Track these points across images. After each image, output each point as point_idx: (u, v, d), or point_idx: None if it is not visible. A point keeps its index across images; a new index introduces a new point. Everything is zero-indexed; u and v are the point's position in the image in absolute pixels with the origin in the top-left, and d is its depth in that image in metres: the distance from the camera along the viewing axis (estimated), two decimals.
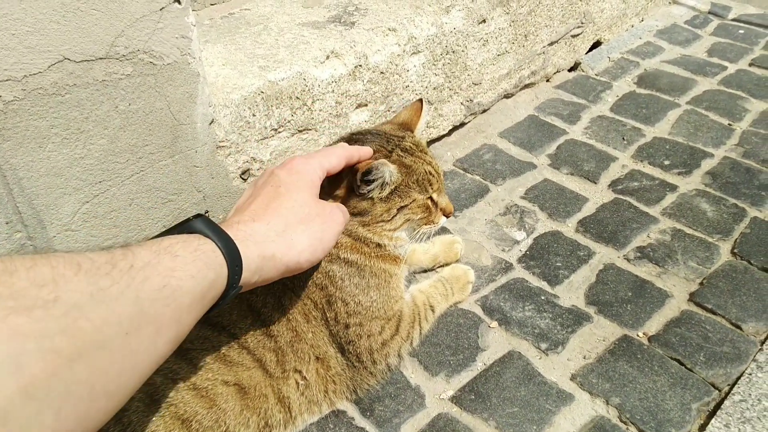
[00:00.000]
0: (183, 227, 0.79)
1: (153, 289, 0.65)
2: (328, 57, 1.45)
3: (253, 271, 0.82)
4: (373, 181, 1.12)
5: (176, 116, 1.16)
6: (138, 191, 1.17)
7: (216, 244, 0.76)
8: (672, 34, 2.61)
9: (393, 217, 1.18)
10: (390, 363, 1.21)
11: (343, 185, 1.16)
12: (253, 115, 1.31)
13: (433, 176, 1.22)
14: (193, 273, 0.70)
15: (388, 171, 1.12)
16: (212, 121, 1.24)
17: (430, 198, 1.23)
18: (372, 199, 1.16)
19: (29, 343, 0.51)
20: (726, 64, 2.38)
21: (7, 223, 1.01)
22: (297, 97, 1.38)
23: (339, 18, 1.61)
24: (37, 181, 1.02)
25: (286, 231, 0.90)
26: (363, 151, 1.14)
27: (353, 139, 1.24)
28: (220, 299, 0.78)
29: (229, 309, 1.06)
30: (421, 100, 1.34)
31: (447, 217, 1.29)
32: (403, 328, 1.23)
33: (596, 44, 2.50)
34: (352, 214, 1.16)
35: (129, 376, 0.63)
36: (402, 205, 1.19)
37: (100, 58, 1.01)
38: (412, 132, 1.30)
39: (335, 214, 1.02)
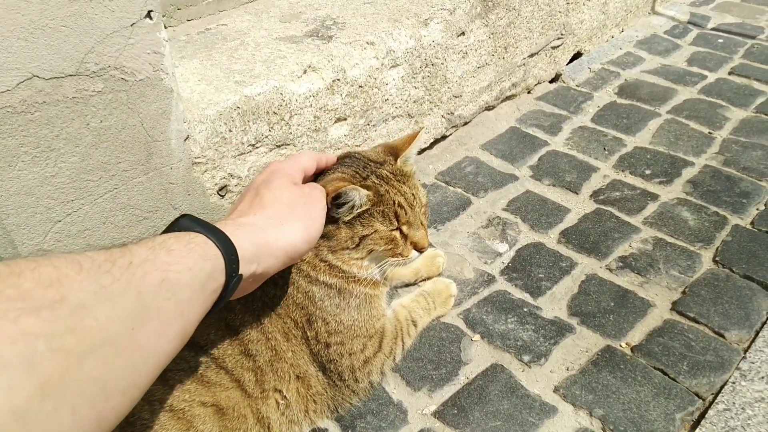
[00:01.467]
0: (172, 227, 0.80)
1: (152, 283, 0.65)
2: (305, 71, 1.45)
3: (249, 260, 0.82)
4: (344, 204, 1.08)
5: (150, 133, 1.15)
6: (112, 209, 1.15)
7: (207, 236, 0.77)
8: (652, 44, 2.64)
9: (357, 246, 1.13)
10: (372, 380, 1.19)
11: None
12: (230, 131, 1.30)
13: (404, 208, 1.15)
14: (189, 265, 0.71)
15: (358, 195, 1.08)
16: (187, 137, 1.22)
17: (399, 230, 1.16)
18: (338, 223, 1.12)
19: (40, 343, 0.51)
20: (706, 73, 2.40)
21: None
22: (274, 112, 1.38)
23: (317, 32, 1.61)
24: (7, 201, 1.00)
25: (275, 218, 0.90)
26: (329, 158, 1.15)
27: (341, 160, 1.20)
28: (224, 291, 0.78)
29: (206, 328, 1.04)
30: (420, 130, 1.28)
31: (419, 251, 1.20)
32: (386, 345, 1.21)
33: (577, 55, 2.51)
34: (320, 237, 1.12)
35: (139, 372, 0.63)
36: (364, 234, 1.13)
37: (70, 75, 1.00)
38: (397, 158, 1.21)
39: (314, 192, 1.01)
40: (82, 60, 1.01)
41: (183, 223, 0.79)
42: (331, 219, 1.10)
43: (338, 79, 1.50)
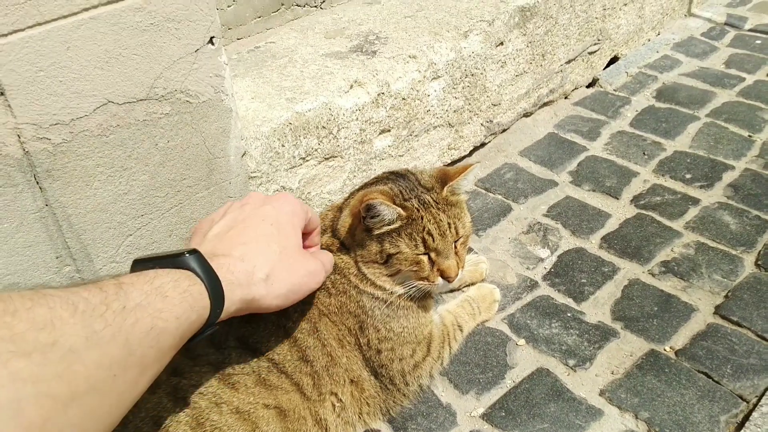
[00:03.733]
0: (177, 261, 0.79)
1: (141, 331, 0.66)
2: (351, 86, 1.51)
3: (230, 312, 0.83)
4: (375, 216, 1.12)
5: (211, 150, 1.22)
6: (177, 222, 1.23)
7: (206, 287, 0.77)
8: (689, 46, 2.63)
9: (385, 262, 1.16)
10: (422, 383, 1.25)
11: (357, 216, 1.16)
12: (282, 146, 1.37)
13: (432, 235, 1.14)
14: (178, 314, 0.72)
15: (389, 212, 1.11)
16: (244, 154, 1.29)
17: (427, 255, 1.16)
18: (371, 232, 1.15)
19: (27, 387, 0.52)
20: (744, 75, 2.39)
21: (57, 258, 1.07)
22: (323, 127, 1.44)
23: (360, 47, 1.67)
24: (85, 217, 1.08)
25: (269, 277, 0.89)
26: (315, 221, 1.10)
27: (387, 178, 1.24)
28: (193, 337, 0.79)
29: (267, 335, 1.10)
30: (473, 165, 1.25)
31: (446, 280, 1.19)
32: (434, 349, 1.27)
33: (613, 60, 2.53)
34: (353, 242, 1.18)
35: (114, 415, 0.65)
36: (390, 252, 1.15)
37: (141, 100, 1.08)
38: (445, 185, 1.20)
39: (318, 273, 1.00)
40: (151, 85, 1.08)
41: (188, 263, 0.78)
42: (366, 228, 1.15)
43: (383, 93, 1.55)
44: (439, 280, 1.19)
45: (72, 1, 0.95)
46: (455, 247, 1.19)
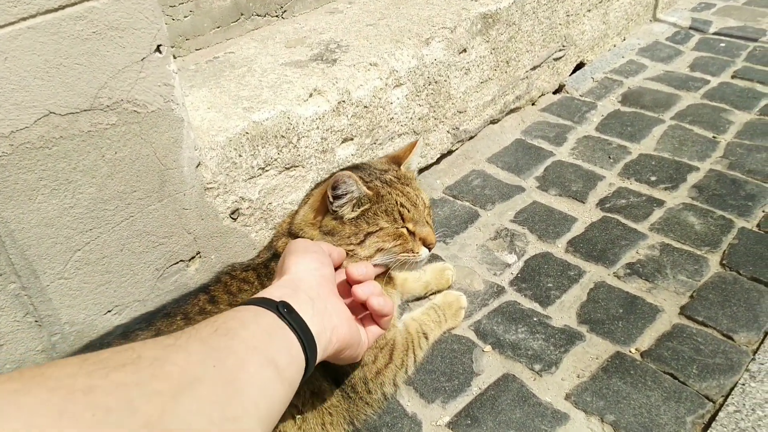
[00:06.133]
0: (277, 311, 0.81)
1: (208, 332, 0.71)
2: (311, 95, 1.49)
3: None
4: (343, 195, 1.15)
5: (162, 161, 1.19)
6: (129, 236, 1.19)
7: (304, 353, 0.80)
8: (654, 51, 2.66)
9: (361, 242, 1.18)
10: (386, 391, 1.22)
11: (321, 209, 1.21)
12: (240, 156, 1.34)
13: (406, 207, 1.21)
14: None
15: (356, 187, 1.15)
16: (199, 164, 1.27)
17: (405, 228, 1.21)
18: (342, 219, 1.18)
19: (132, 390, 0.56)
20: (709, 77, 2.41)
21: (0, 275, 1.04)
22: (282, 136, 1.42)
23: (321, 56, 1.65)
24: (29, 232, 1.05)
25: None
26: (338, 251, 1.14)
27: (341, 170, 1.27)
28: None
29: None
30: (417, 141, 1.35)
31: (428, 248, 1.24)
32: (397, 356, 1.24)
33: (579, 65, 2.54)
34: (325, 234, 1.19)
35: (241, 403, 0.65)
36: (369, 231, 1.18)
37: (85, 110, 1.05)
38: (399, 166, 1.32)
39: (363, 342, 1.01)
40: (96, 95, 1.05)
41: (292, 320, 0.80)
42: (335, 216, 1.18)
43: (343, 101, 1.54)
44: (423, 250, 1.23)
45: (7, 11, 0.92)
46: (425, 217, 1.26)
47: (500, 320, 1.43)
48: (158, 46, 1.11)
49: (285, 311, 0.81)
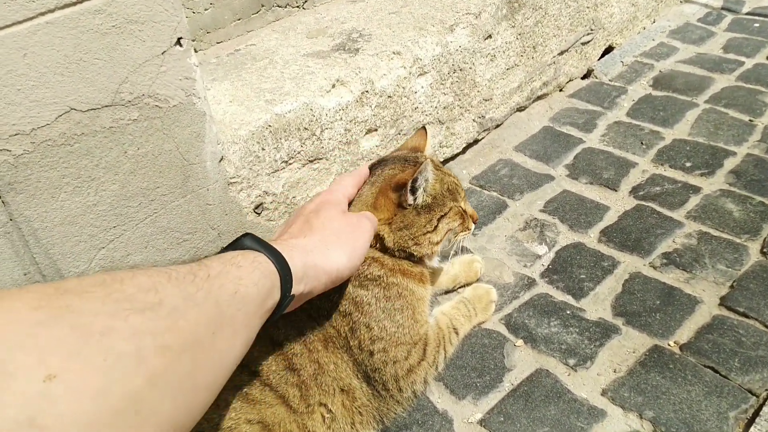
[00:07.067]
0: (235, 245, 0.86)
1: (228, 294, 0.72)
2: (333, 85, 1.46)
3: (299, 280, 0.88)
4: (420, 186, 1.17)
5: (185, 156, 1.18)
6: (153, 233, 1.18)
7: (267, 256, 0.83)
8: (685, 33, 2.57)
9: (435, 228, 1.21)
10: (416, 390, 1.19)
11: (386, 206, 1.20)
12: (263, 149, 1.32)
13: (457, 186, 1.28)
14: (255, 281, 0.78)
15: (431, 167, 1.18)
16: (222, 159, 1.25)
17: (460, 206, 1.27)
18: (417, 209, 1.19)
19: (147, 339, 0.58)
20: (743, 59, 2.33)
21: (25, 275, 1.03)
22: (305, 128, 1.39)
23: (343, 46, 1.62)
24: (52, 231, 1.04)
25: (322, 243, 0.97)
26: (363, 170, 1.25)
27: (371, 168, 1.27)
28: (277, 308, 0.85)
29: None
30: (424, 127, 1.39)
31: (475, 223, 1.32)
32: (429, 354, 1.21)
33: (608, 49, 2.47)
34: (400, 229, 1.19)
35: (217, 372, 0.71)
36: (441, 214, 1.22)
37: (106, 106, 1.03)
38: (421, 152, 1.34)
39: (363, 222, 1.09)
40: (116, 90, 1.04)
41: (245, 242, 0.86)
42: (414, 208, 1.20)
43: (367, 91, 1.50)
44: (472, 226, 1.32)
45: (26, 6, 0.90)
46: None
47: (532, 313, 1.39)
48: (179, 39, 1.09)
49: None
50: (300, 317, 1.09)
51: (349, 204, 1.21)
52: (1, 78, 0.91)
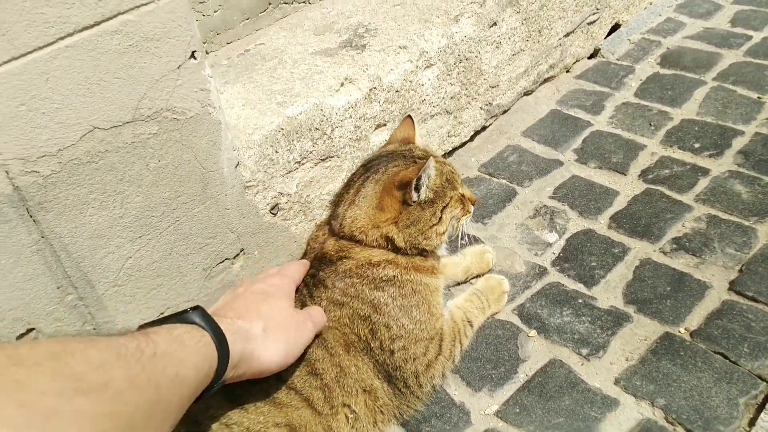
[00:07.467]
0: (183, 317, 0.87)
1: (169, 378, 0.73)
2: (342, 84, 1.48)
3: (234, 365, 0.90)
4: (423, 183, 1.22)
5: (203, 165, 1.21)
6: (176, 240, 1.22)
7: (212, 337, 0.85)
8: (692, 7, 2.55)
9: (440, 219, 1.27)
10: (435, 384, 1.24)
11: (391, 205, 1.24)
12: (276, 152, 1.35)
13: (455, 173, 1.34)
14: (196, 363, 0.80)
15: (433, 164, 1.23)
16: (238, 164, 1.28)
17: (461, 193, 1.33)
18: (422, 204, 1.24)
19: (87, 425, 0.60)
20: (751, 33, 2.31)
21: (58, 288, 1.07)
22: (316, 128, 1.42)
23: (350, 42, 1.63)
24: (82, 245, 1.08)
25: (264, 334, 0.99)
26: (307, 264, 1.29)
27: (368, 167, 1.32)
28: (206, 390, 0.85)
29: None
30: (410, 116, 1.43)
31: (473, 204, 1.38)
32: (446, 347, 1.26)
33: (615, 27, 2.46)
34: (407, 226, 1.23)
35: None
36: (444, 205, 1.28)
37: (127, 122, 1.06)
38: (412, 142, 1.41)
39: (307, 324, 1.10)
40: (136, 107, 1.06)
41: (194, 318, 0.87)
42: (418, 204, 1.24)
43: (375, 88, 1.52)
44: (471, 208, 1.38)
45: (46, 31, 0.93)
46: None
47: (544, 303, 1.43)
48: (193, 52, 1.11)
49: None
50: None
51: (351, 203, 1.27)
52: (26, 103, 0.94)
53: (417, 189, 1.21)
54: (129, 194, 1.11)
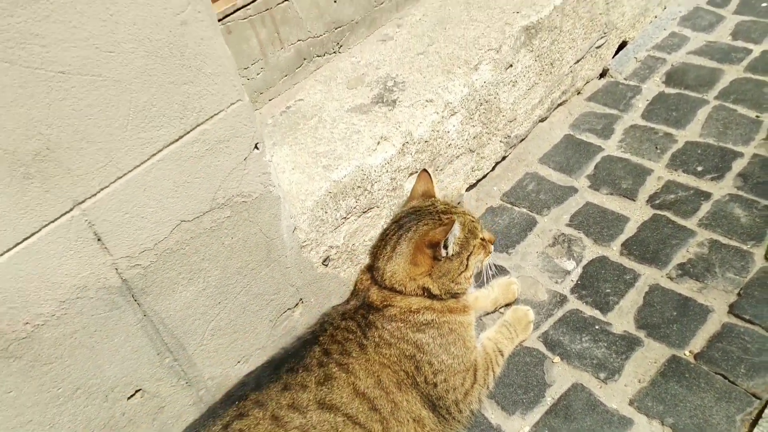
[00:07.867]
0: None
1: None
2: (378, 143, 1.67)
3: None
4: (449, 244, 1.40)
5: (267, 235, 1.41)
6: (247, 300, 1.42)
7: None
8: (695, 19, 2.68)
9: (467, 266, 1.45)
10: (473, 409, 1.44)
11: (423, 261, 1.41)
12: (325, 213, 1.54)
13: (474, 221, 1.50)
14: None
15: (459, 222, 1.41)
16: (295, 229, 1.48)
17: (481, 238, 1.50)
18: (451, 257, 1.42)
19: None
20: (751, 46, 2.44)
21: (158, 354, 1.29)
22: (358, 186, 1.61)
23: (381, 97, 1.81)
24: (175, 317, 1.29)
25: None
26: None
27: (400, 224, 1.47)
28: None
29: (339, 391, 1.30)
30: (426, 170, 1.60)
31: (492, 243, 1.56)
32: (480, 376, 1.46)
33: (622, 45, 2.60)
34: (440, 277, 1.42)
35: None
36: (469, 253, 1.45)
37: (206, 212, 1.26)
38: (432, 196, 1.56)
39: None
40: (213, 198, 1.26)
41: None
42: (448, 258, 1.42)
43: (407, 142, 1.71)
44: (491, 247, 1.55)
45: (142, 151, 1.13)
46: None
47: (565, 330, 1.62)
48: (256, 144, 1.31)
49: None
50: (374, 367, 1.35)
51: (389, 259, 1.43)
52: (129, 212, 1.14)
53: (445, 247, 1.40)
54: (209, 269, 1.32)
